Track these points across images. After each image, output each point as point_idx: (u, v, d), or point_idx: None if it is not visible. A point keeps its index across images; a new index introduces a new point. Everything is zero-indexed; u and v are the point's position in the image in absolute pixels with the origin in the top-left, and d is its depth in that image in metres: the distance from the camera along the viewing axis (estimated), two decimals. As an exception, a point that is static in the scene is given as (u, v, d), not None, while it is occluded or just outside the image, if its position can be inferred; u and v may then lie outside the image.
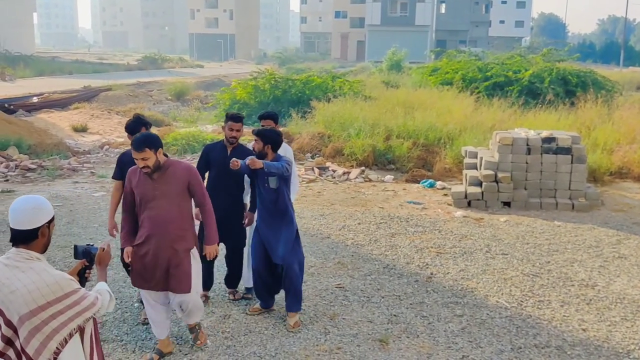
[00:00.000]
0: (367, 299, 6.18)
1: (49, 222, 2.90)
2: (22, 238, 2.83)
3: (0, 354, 2.80)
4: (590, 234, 8.51)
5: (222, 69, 54.10)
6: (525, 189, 10.01)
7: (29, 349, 2.73)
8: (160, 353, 4.88)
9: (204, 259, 5.64)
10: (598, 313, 5.94)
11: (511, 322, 5.70)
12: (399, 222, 8.97)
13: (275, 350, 5.09)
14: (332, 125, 14.74)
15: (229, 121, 5.78)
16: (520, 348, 5.21)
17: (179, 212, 4.59)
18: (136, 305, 5.78)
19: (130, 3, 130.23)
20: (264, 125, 6.04)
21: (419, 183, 11.62)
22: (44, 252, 2.90)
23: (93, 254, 3.22)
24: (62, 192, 10.58)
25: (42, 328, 2.73)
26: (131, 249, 4.61)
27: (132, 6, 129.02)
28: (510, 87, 19.49)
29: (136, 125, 5.37)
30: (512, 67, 21.53)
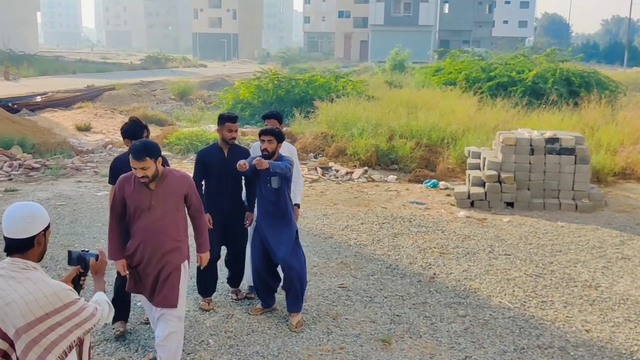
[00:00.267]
0: (369, 299, 6.18)
1: (44, 230, 2.80)
2: (17, 247, 2.71)
3: None
4: (593, 235, 8.50)
5: (225, 68, 54.14)
6: (528, 189, 10.00)
7: None
8: None
9: (210, 263, 5.64)
10: (601, 314, 5.93)
11: (514, 323, 5.69)
12: (401, 222, 8.97)
13: (278, 350, 5.09)
14: (335, 125, 14.74)
15: (226, 122, 5.71)
16: (523, 349, 5.20)
17: (174, 222, 4.42)
18: (139, 304, 5.79)
19: (134, 2, 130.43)
20: (267, 125, 6.01)
21: (421, 183, 11.61)
22: (40, 260, 2.81)
23: (88, 260, 3.09)
24: (65, 191, 10.60)
25: (40, 341, 2.62)
26: (125, 262, 4.44)
27: (135, 6, 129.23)
28: (513, 88, 19.47)
29: (136, 129, 5.17)
30: (516, 67, 21.51)
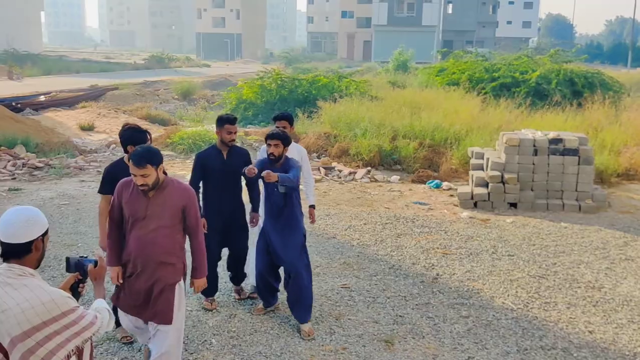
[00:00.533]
0: (372, 299, 6.18)
1: (43, 235, 2.70)
2: (14, 252, 2.62)
3: None
4: (597, 236, 8.48)
5: (228, 68, 54.16)
6: (531, 190, 9.98)
7: None
8: None
9: (211, 264, 5.59)
10: (605, 315, 5.92)
11: (517, 324, 5.69)
12: (404, 222, 8.96)
13: (280, 349, 5.09)
14: (339, 125, 14.74)
15: (225, 124, 5.63)
16: (526, 350, 5.19)
17: (169, 236, 4.16)
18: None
19: (138, 2, 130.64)
20: (279, 127, 5.92)
21: (425, 184, 11.61)
22: (37, 266, 2.71)
23: (86, 267, 3.00)
24: (69, 190, 10.62)
25: (37, 350, 2.51)
26: (119, 270, 4.21)
27: (139, 5, 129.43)
28: (517, 89, 19.44)
29: (137, 135, 4.86)
30: (519, 68, 21.46)
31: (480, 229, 8.74)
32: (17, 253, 2.62)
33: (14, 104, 20.83)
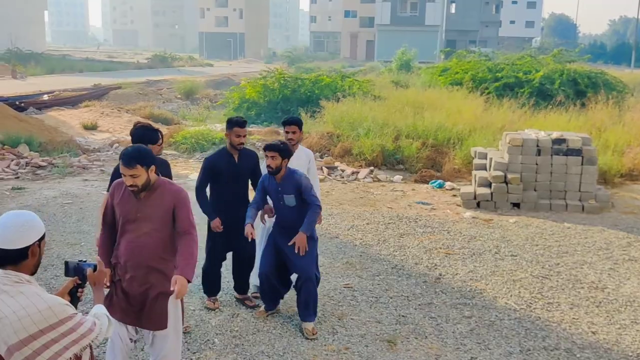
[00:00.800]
0: (375, 299, 6.18)
1: (39, 240, 2.62)
2: (10, 258, 2.54)
3: None
4: (600, 236, 8.47)
5: (231, 67, 54.18)
6: (535, 190, 9.97)
7: None
8: None
9: (215, 264, 5.57)
10: (608, 316, 5.91)
11: (520, 324, 5.68)
12: (407, 222, 8.96)
13: (283, 349, 5.10)
14: (341, 124, 14.73)
15: (234, 127, 5.51)
16: (529, 350, 5.19)
17: (160, 239, 4.01)
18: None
19: (141, 1, 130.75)
20: (288, 132, 5.89)
21: (427, 183, 11.60)
22: (34, 273, 2.64)
23: (85, 271, 2.93)
24: (72, 189, 10.63)
25: (34, 359, 2.47)
26: (108, 271, 3.99)
27: (142, 5, 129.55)
28: (520, 89, 19.41)
29: (148, 134, 4.84)
30: (523, 67, 21.43)
31: (483, 229, 8.73)
32: (12, 259, 2.55)
33: (17, 103, 20.88)
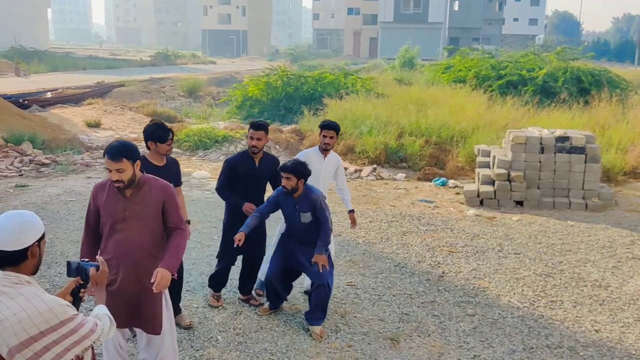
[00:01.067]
0: (378, 297, 6.18)
1: (39, 240, 2.59)
2: (9, 260, 2.50)
3: None
4: (603, 234, 8.45)
5: (234, 65, 54.15)
6: (538, 188, 9.96)
7: None
8: None
9: (227, 265, 5.59)
10: (611, 314, 5.91)
11: (523, 322, 5.68)
12: (410, 220, 8.95)
13: (286, 347, 5.10)
14: (344, 122, 14.69)
15: (249, 129, 5.43)
16: (532, 348, 5.19)
17: (151, 237, 3.93)
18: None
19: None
20: (326, 136, 5.78)
21: (431, 181, 11.59)
22: (35, 273, 2.61)
23: (87, 270, 2.89)
24: (75, 187, 10.65)
25: None
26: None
27: (145, 2, 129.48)
28: (524, 87, 19.39)
29: (161, 132, 4.82)
30: (526, 65, 21.41)
31: (486, 227, 8.72)
32: (11, 260, 2.51)
33: (21, 100, 20.91)
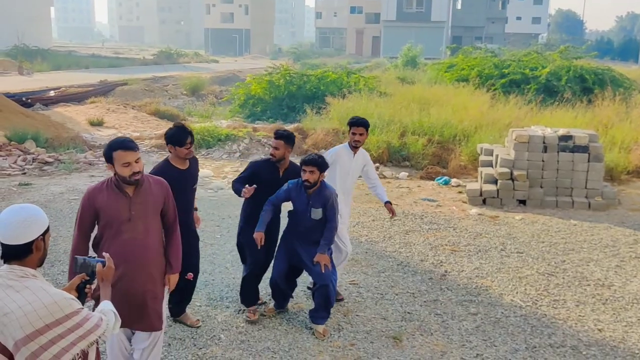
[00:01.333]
0: (380, 296, 6.18)
1: (43, 234, 2.60)
2: (14, 254, 2.53)
3: None
4: (606, 234, 8.44)
5: (237, 64, 54.14)
6: (541, 187, 9.95)
7: None
8: None
9: (257, 275, 5.50)
10: (614, 313, 5.90)
11: (526, 321, 5.67)
12: (413, 219, 8.95)
13: (289, 345, 5.10)
14: (347, 121, 14.68)
15: (273, 138, 5.36)
16: (535, 347, 5.18)
17: (155, 235, 3.96)
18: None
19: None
20: (355, 133, 5.70)
21: (433, 180, 11.58)
22: (40, 265, 2.63)
23: (94, 266, 2.91)
24: (78, 185, 10.67)
25: (41, 355, 2.43)
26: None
27: (148, 1, 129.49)
28: (527, 86, 19.36)
29: (181, 135, 4.81)
30: (529, 64, 21.37)
31: (489, 226, 8.72)
32: (17, 254, 2.54)
33: (24, 99, 20.94)
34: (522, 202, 9.89)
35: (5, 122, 14.80)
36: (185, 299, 5.39)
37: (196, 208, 5.39)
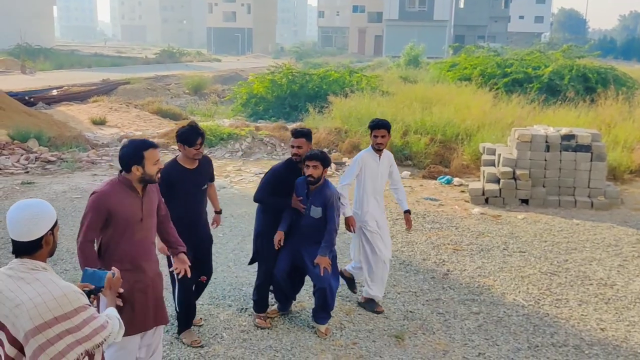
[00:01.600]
0: (383, 294, 6.17)
1: (52, 228, 2.64)
2: (24, 249, 2.58)
3: None
4: (609, 233, 8.43)
5: (239, 63, 54.19)
6: (543, 186, 9.93)
7: None
8: None
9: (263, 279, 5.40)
10: (617, 312, 5.89)
11: (528, 321, 5.67)
12: (415, 218, 8.94)
13: (291, 344, 5.11)
14: (349, 120, 14.71)
15: (292, 137, 5.29)
16: (537, 346, 5.18)
17: (155, 231, 4.09)
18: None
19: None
20: (377, 135, 5.60)
21: (436, 179, 11.58)
22: (51, 256, 2.68)
23: (102, 277, 2.91)
24: (81, 184, 10.69)
25: (47, 348, 2.45)
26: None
27: (150, 0, 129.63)
28: (529, 85, 19.33)
29: (191, 135, 4.75)
30: (532, 63, 21.34)
31: (492, 225, 8.71)
32: (27, 250, 2.58)
33: (26, 98, 21.01)
34: (525, 202, 9.88)
35: (8, 121, 14.83)
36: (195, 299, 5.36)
37: (220, 210, 5.49)
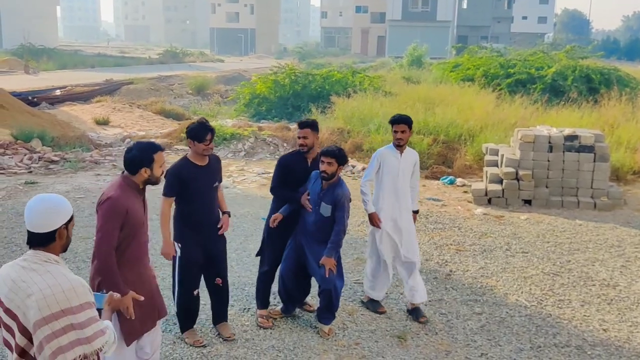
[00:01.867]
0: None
1: (67, 223, 2.72)
2: (38, 241, 2.67)
3: None
4: (612, 234, 8.42)
5: (242, 63, 54.24)
6: (546, 187, 9.93)
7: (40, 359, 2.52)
8: None
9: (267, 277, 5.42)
10: (619, 313, 5.89)
11: (531, 321, 5.67)
12: (418, 219, 8.88)
13: (293, 344, 5.11)
14: (352, 120, 14.72)
15: (298, 128, 5.28)
16: (540, 347, 5.18)
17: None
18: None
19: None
20: (397, 131, 5.51)
21: (438, 180, 11.57)
22: (65, 250, 2.76)
23: (103, 298, 3.00)
24: (84, 184, 10.71)
25: (51, 341, 2.50)
26: (134, 293, 3.59)
27: (154, 0, 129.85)
28: (533, 85, 19.31)
29: (200, 131, 4.72)
30: (535, 64, 21.31)
31: (494, 225, 8.71)
32: (41, 241, 2.67)
33: (30, 98, 21.06)
34: (528, 202, 9.87)
35: (11, 120, 14.86)
36: (224, 303, 5.26)
37: (228, 212, 5.10)
